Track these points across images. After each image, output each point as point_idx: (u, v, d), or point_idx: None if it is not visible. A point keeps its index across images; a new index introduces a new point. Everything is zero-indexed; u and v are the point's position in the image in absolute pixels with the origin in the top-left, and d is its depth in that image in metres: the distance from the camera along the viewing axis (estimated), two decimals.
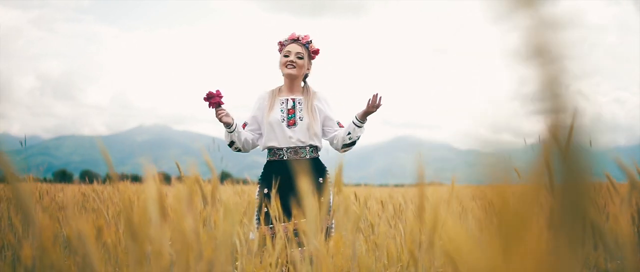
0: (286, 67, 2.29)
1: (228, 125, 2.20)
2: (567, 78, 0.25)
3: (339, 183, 0.72)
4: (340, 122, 2.35)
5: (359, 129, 2.25)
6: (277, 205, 1.17)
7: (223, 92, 2.13)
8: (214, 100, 2.08)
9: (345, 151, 2.31)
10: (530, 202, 0.24)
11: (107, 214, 1.85)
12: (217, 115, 2.17)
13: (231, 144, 2.28)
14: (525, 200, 0.24)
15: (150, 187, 0.51)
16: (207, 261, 0.67)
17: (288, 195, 2.08)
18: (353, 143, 2.28)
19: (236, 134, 2.23)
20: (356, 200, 1.97)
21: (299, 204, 2.13)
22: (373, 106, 2.20)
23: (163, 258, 0.50)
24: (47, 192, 2.59)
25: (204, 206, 0.72)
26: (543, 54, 0.24)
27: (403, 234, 1.43)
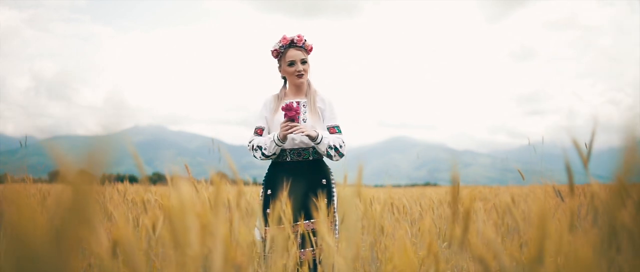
0: (297, 77, 2.29)
1: (285, 139, 2.19)
2: None
3: (358, 187, 0.73)
4: (333, 128, 2.29)
5: (317, 145, 2.18)
6: (286, 207, 1.17)
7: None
8: (291, 113, 2.13)
9: (337, 159, 2.26)
10: None
11: (115, 217, 1.84)
12: (287, 128, 2.14)
13: (271, 155, 2.24)
14: None
15: (185, 193, 0.51)
16: (233, 265, 0.68)
17: (293, 196, 2.09)
18: (334, 151, 2.19)
19: (280, 148, 2.23)
20: (361, 201, 1.98)
21: (306, 205, 2.13)
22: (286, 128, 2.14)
23: (197, 263, 0.51)
24: (49, 192, 2.58)
25: (228, 210, 0.72)
26: None
27: (410, 235, 1.45)
